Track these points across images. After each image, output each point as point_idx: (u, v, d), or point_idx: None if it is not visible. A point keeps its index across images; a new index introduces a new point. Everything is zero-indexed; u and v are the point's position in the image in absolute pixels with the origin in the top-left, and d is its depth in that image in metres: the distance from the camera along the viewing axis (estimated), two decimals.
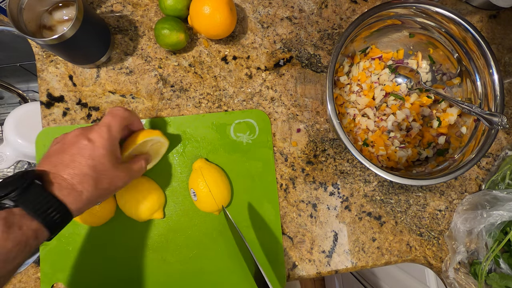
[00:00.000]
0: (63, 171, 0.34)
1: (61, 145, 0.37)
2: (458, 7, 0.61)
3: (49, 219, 0.32)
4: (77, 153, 0.36)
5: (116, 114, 0.40)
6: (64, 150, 0.36)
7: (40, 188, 0.32)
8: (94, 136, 0.37)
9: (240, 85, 0.55)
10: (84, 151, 0.36)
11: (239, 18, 0.56)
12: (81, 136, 0.37)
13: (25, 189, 0.31)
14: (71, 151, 0.36)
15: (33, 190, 0.32)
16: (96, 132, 0.38)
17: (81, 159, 0.35)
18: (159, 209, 0.49)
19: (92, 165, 0.36)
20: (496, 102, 0.49)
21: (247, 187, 0.52)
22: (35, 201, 0.31)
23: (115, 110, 0.41)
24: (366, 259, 0.54)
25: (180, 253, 0.50)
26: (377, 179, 0.56)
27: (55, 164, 0.35)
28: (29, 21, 0.44)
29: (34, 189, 0.32)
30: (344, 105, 0.56)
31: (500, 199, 0.51)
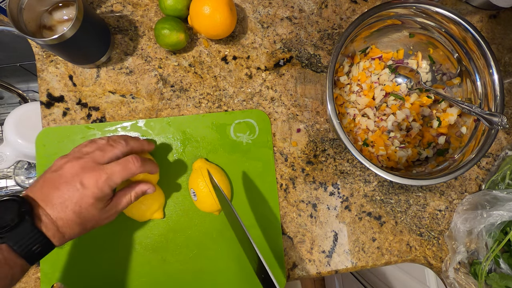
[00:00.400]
0: (51, 210, 0.34)
1: (56, 176, 0.36)
2: (458, 7, 0.61)
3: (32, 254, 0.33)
4: (67, 195, 0.35)
5: (128, 169, 0.38)
6: (56, 185, 0.35)
7: (30, 225, 0.32)
8: (89, 182, 0.36)
9: (240, 85, 0.55)
10: (73, 196, 0.35)
11: (239, 18, 0.56)
12: (76, 177, 0.36)
13: (17, 225, 0.31)
14: (62, 191, 0.35)
15: (24, 226, 0.32)
16: (93, 178, 0.36)
17: (68, 204, 0.35)
18: (159, 209, 0.49)
19: (78, 212, 0.35)
20: (496, 102, 0.49)
21: (247, 187, 0.52)
22: (24, 238, 0.32)
23: (131, 164, 0.38)
24: (366, 259, 0.54)
25: (180, 253, 0.50)
26: (377, 179, 0.56)
27: (44, 199, 0.34)
28: (29, 21, 0.44)
29: (24, 225, 0.32)
30: (344, 105, 0.56)
31: (500, 199, 0.51)
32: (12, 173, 0.84)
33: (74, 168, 0.36)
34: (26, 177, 0.84)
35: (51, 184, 0.35)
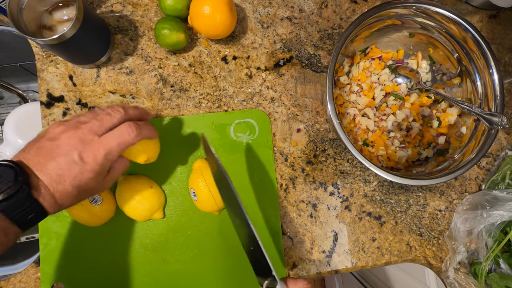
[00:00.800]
0: (48, 181, 0.33)
1: (54, 147, 0.34)
2: (458, 7, 0.61)
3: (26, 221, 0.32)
4: (65, 168, 0.33)
5: (125, 141, 0.36)
6: (53, 156, 0.33)
7: (26, 195, 0.31)
8: (88, 158, 0.34)
9: (240, 85, 0.55)
10: (72, 170, 0.34)
11: (239, 18, 0.56)
12: (75, 150, 0.34)
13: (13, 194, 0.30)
14: (60, 163, 0.33)
15: (20, 196, 0.31)
16: (92, 152, 0.34)
17: (66, 177, 0.33)
18: (159, 209, 0.49)
19: (77, 186, 0.34)
20: (496, 102, 0.49)
21: (247, 187, 0.52)
22: (20, 207, 0.31)
23: (127, 136, 0.37)
24: (366, 259, 0.54)
25: (180, 253, 0.50)
26: (377, 179, 0.56)
27: (41, 168, 0.33)
28: (29, 21, 0.44)
29: (21, 195, 0.31)
30: (344, 105, 0.56)
31: (500, 199, 0.51)
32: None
33: (72, 140, 0.34)
34: None
35: (47, 153, 0.33)
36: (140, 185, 0.48)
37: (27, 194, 0.31)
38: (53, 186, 0.33)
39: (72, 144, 0.34)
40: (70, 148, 0.34)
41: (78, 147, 0.34)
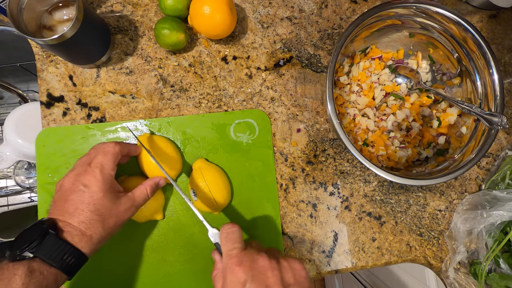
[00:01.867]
0: (71, 219, 0.37)
1: (62, 193, 0.39)
2: (458, 7, 0.61)
3: (66, 264, 0.35)
4: (78, 200, 0.38)
5: (107, 151, 0.41)
6: (65, 199, 0.38)
7: (54, 237, 0.35)
8: (88, 181, 0.38)
9: (240, 85, 0.55)
10: (83, 198, 0.38)
11: (239, 18, 0.56)
12: (77, 182, 0.38)
13: (42, 239, 0.34)
14: (72, 199, 0.38)
15: (49, 240, 0.35)
16: (89, 175, 0.39)
17: (82, 206, 0.37)
18: (158, 210, 0.49)
19: (94, 210, 0.38)
20: (496, 102, 0.49)
21: (247, 187, 0.52)
22: (52, 249, 0.34)
23: (106, 147, 0.41)
24: (366, 259, 0.54)
25: (180, 253, 0.50)
26: (377, 179, 0.56)
27: (62, 213, 0.37)
28: (29, 21, 0.44)
29: (49, 238, 0.35)
30: (344, 105, 0.56)
31: (500, 199, 0.51)
32: (12, 173, 0.84)
33: (71, 179, 0.39)
34: (26, 177, 0.84)
35: (60, 201, 0.38)
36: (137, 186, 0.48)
37: (56, 236, 0.35)
38: (75, 219, 0.37)
39: (72, 181, 0.39)
40: (72, 184, 0.39)
41: (78, 179, 0.39)
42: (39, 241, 0.34)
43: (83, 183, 0.38)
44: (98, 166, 0.39)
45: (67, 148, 0.51)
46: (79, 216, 0.37)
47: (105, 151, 0.41)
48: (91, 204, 0.38)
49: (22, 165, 0.84)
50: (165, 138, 0.51)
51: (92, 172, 0.39)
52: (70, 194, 0.38)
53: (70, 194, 0.38)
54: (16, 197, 0.85)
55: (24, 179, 0.84)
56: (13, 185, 0.85)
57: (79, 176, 0.39)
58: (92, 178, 0.38)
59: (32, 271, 0.33)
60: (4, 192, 0.86)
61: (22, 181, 0.84)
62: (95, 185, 0.38)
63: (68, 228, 0.36)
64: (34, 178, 0.84)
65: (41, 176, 0.50)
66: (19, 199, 0.85)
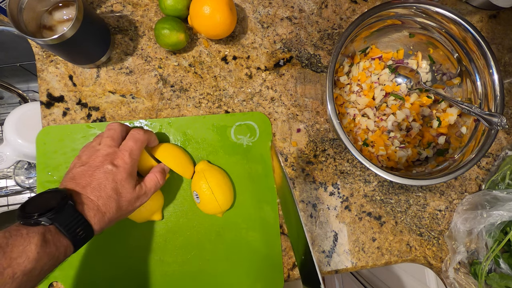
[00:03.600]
0: (91, 193, 0.37)
1: (87, 168, 0.40)
2: (458, 7, 0.61)
3: (77, 237, 0.35)
4: (103, 177, 0.39)
5: (138, 139, 0.43)
6: (91, 174, 0.39)
7: (72, 209, 0.35)
8: (118, 162, 0.40)
9: (240, 85, 0.55)
10: (109, 176, 0.39)
11: (239, 18, 0.56)
12: (106, 161, 0.40)
13: (61, 208, 0.34)
14: (98, 175, 0.39)
15: (67, 210, 0.35)
16: (120, 158, 0.41)
17: (106, 183, 0.38)
18: (157, 210, 0.49)
19: (115, 188, 0.39)
20: (496, 102, 0.49)
21: (247, 189, 0.52)
22: (68, 220, 0.34)
23: (137, 135, 0.43)
24: (366, 259, 0.54)
25: (178, 254, 0.50)
26: (377, 179, 0.56)
27: (83, 186, 0.38)
28: (29, 21, 0.44)
29: (68, 209, 0.35)
30: (344, 105, 0.56)
31: (500, 199, 0.51)
32: (12, 173, 0.84)
33: (99, 158, 0.40)
34: (26, 177, 0.84)
35: (83, 176, 0.39)
36: None
37: (73, 208, 0.35)
38: (95, 194, 0.38)
39: (101, 160, 0.40)
40: (101, 162, 0.40)
41: (107, 159, 0.40)
42: (58, 210, 0.34)
43: (113, 162, 0.40)
44: (128, 150, 0.41)
45: (68, 147, 0.51)
46: (100, 191, 0.38)
47: (135, 138, 0.43)
48: (114, 181, 0.39)
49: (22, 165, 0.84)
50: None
51: (122, 155, 0.41)
52: (96, 171, 0.39)
53: (95, 170, 0.39)
54: (16, 197, 0.85)
55: (24, 179, 0.84)
56: (13, 185, 0.85)
57: (109, 156, 0.40)
58: (121, 160, 0.40)
59: (47, 241, 0.32)
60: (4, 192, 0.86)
61: (22, 181, 0.84)
62: (123, 166, 0.40)
63: (86, 201, 0.37)
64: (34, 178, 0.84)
65: (41, 174, 0.50)
66: (19, 199, 0.85)
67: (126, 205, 0.40)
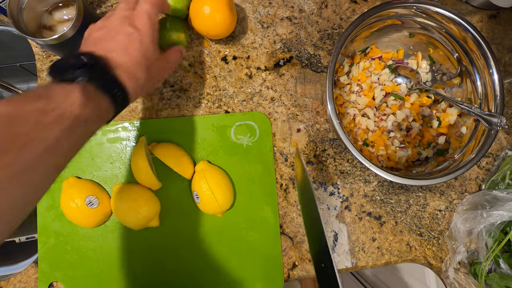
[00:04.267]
0: (119, 57, 0.34)
1: (107, 31, 0.35)
2: (458, 7, 0.61)
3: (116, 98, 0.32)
4: (127, 40, 0.35)
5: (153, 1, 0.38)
6: (112, 37, 0.35)
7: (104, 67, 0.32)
8: (138, 24, 0.36)
9: (240, 85, 0.55)
10: (133, 38, 0.35)
11: (239, 18, 0.56)
12: (124, 24, 0.35)
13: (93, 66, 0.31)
14: (120, 39, 0.35)
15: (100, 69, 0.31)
16: (139, 19, 0.36)
17: (130, 46, 0.35)
18: (154, 217, 0.48)
19: (143, 52, 0.35)
20: (496, 102, 0.49)
21: (246, 189, 0.52)
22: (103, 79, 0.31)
23: None
24: (366, 259, 0.54)
25: (178, 254, 0.50)
26: (377, 179, 0.56)
27: (110, 50, 0.34)
28: (29, 21, 0.44)
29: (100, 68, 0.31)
30: (344, 105, 0.56)
31: (500, 199, 0.51)
32: None
33: (118, 20, 0.36)
34: None
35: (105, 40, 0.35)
36: (134, 193, 0.48)
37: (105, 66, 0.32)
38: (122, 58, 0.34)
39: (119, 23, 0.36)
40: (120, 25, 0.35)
41: (125, 22, 0.36)
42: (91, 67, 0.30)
43: (133, 24, 0.36)
44: (145, 13, 0.37)
45: None
46: (128, 55, 0.34)
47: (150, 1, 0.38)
48: (141, 45, 0.35)
49: None
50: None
51: (140, 17, 0.36)
52: (117, 34, 0.35)
53: (116, 34, 0.35)
54: None
55: None
56: None
57: (127, 18, 0.36)
58: (141, 22, 0.36)
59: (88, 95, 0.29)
60: None
61: None
62: (144, 29, 0.36)
63: (117, 65, 0.33)
64: None
65: None
66: None
67: (156, 72, 0.38)
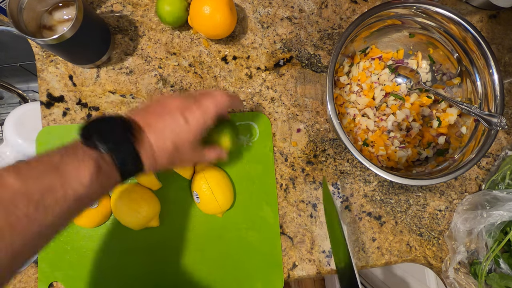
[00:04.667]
0: (153, 135, 0.35)
1: (160, 107, 0.37)
2: (458, 7, 0.61)
3: (127, 173, 0.34)
4: (170, 126, 0.36)
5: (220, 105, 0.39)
6: (160, 115, 0.36)
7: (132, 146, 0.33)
8: (192, 119, 0.37)
9: (240, 85, 0.55)
10: (176, 128, 0.36)
11: (239, 18, 0.56)
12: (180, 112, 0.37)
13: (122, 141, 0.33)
14: (166, 121, 0.36)
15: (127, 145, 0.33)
16: (194, 115, 0.37)
17: (169, 134, 0.36)
18: (154, 217, 0.48)
19: (175, 144, 0.36)
20: (496, 102, 0.49)
21: (246, 190, 0.52)
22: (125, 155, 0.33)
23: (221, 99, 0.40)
24: (366, 259, 0.54)
25: (178, 254, 0.50)
26: (377, 179, 0.56)
27: (148, 125, 0.35)
28: (29, 21, 0.44)
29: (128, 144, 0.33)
30: (344, 105, 0.56)
31: (500, 199, 0.51)
32: None
33: (176, 103, 0.37)
34: None
35: (154, 113, 0.37)
36: (134, 194, 0.47)
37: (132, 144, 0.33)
38: (155, 140, 0.35)
39: (177, 106, 0.37)
40: (176, 108, 0.37)
41: (183, 108, 0.37)
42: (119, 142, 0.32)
43: (185, 116, 0.37)
44: (205, 113, 0.38)
45: None
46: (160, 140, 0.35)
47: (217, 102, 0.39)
48: (178, 137, 0.36)
49: None
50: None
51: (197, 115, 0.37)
52: (167, 114, 0.36)
53: (167, 113, 0.36)
54: None
55: None
56: None
57: (185, 108, 0.37)
58: (195, 119, 0.37)
59: (100, 169, 0.31)
60: None
61: None
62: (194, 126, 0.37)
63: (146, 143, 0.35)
64: None
65: None
66: None
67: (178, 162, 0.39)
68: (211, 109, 0.38)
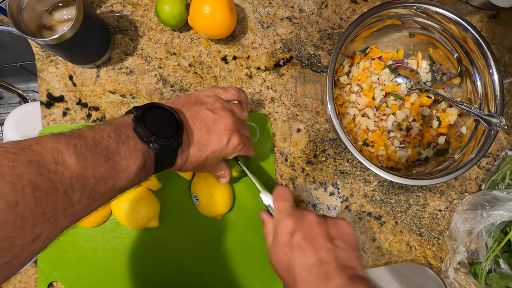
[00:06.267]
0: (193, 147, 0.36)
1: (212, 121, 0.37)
2: (458, 7, 0.61)
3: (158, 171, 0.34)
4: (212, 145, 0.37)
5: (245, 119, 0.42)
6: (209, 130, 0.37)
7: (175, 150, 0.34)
8: (232, 143, 0.38)
9: (240, 85, 0.55)
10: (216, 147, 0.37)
11: (239, 18, 0.56)
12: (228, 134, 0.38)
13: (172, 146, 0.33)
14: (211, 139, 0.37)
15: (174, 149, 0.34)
16: (235, 141, 0.39)
17: (207, 150, 0.37)
18: (154, 218, 0.48)
19: (207, 158, 0.37)
20: (496, 102, 0.49)
21: (246, 190, 0.52)
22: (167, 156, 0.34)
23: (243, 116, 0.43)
24: (366, 259, 0.54)
25: (178, 255, 0.50)
26: (377, 179, 0.56)
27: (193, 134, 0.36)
28: (29, 21, 0.44)
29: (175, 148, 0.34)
30: (344, 105, 0.56)
31: (500, 199, 0.51)
32: None
33: (229, 123, 0.38)
34: None
35: (205, 124, 0.37)
36: (134, 193, 0.47)
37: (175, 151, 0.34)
38: (193, 152, 0.36)
39: (228, 128, 0.38)
40: (226, 130, 0.38)
41: (231, 132, 0.38)
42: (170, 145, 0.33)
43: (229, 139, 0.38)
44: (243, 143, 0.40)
45: None
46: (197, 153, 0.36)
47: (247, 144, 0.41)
48: (212, 154, 0.37)
49: None
50: None
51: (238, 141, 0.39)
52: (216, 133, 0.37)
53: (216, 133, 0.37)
54: None
55: None
56: None
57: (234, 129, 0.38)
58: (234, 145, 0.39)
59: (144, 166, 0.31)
60: None
61: None
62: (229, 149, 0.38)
63: (184, 152, 0.35)
64: None
65: None
66: None
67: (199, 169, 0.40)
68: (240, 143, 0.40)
